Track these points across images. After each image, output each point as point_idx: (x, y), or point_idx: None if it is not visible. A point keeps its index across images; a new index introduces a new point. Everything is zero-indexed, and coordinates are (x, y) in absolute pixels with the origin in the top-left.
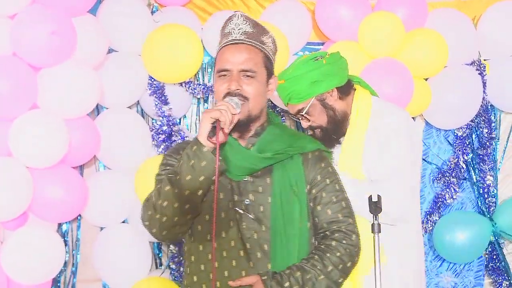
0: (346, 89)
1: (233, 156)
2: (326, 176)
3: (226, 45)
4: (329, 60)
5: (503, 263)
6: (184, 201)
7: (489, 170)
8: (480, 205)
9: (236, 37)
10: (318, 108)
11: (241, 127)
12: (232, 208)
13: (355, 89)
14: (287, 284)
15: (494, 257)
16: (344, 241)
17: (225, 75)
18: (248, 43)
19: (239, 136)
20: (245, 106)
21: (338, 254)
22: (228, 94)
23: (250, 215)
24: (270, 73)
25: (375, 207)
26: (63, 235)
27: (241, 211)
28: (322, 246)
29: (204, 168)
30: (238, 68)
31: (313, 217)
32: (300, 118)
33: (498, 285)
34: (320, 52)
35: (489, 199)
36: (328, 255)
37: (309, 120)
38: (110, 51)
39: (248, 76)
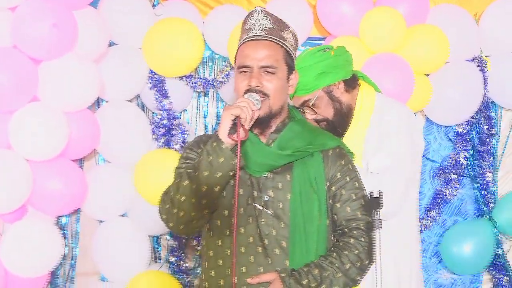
0: (352, 83)
1: (254, 153)
2: (346, 174)
3: (247, 41)
4: (337, 52)
5: (503, 259)
6: (202, 197)
7: (489, 167)
8: (479, 201)
9: (256, 33)
10: (324, 100)
11: (262, 123)
12: (251, 204)
13: (359, 84)
14: (305, 281)
15: (493, 253)
16: (362, 239)
17: (245, 71)
18: (268, 39)
19: (260, 133)
20: (266, 102)
21: (356, 251)
22: (249, 91)
23: (269, 211)
24: (291, 69)
25: (375, 202)
26: (62, 228)
27: (260, 207)
28: (340, 244)
29: (222, 165)
30: (259, 64)
31: (332, 214)
32: (304, 111)
33: (498, 281)
34: (327, 45)
35: (489, 195)
36: (346, 252)
37: (315, 113)
38: (110, 44)
39: (268, 72)
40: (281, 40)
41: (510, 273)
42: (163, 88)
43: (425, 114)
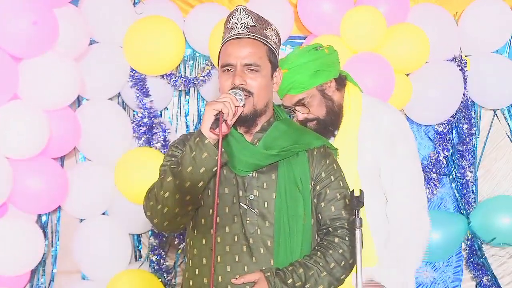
0: (341, 81)
1: (239, 152)
2: (331, 173)
3: (229, 40)
4: (329, 50)
5: (482, 258)
6: (185, 193)
7: (469, 166)
8: (458, 200)
9: (239, 31)
10: (317, 99)
11: (247, 122)
12: (236, 203)
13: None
14: (290, 281)
15: (474, 252)
16: (347, 238)
17: (229, 70)
18: (251, 37)
19: (245, 132)
20: (250, 100)
21: (340, 251)
22: (233, 89)
23: (254, 211)
24: (274, 67)
25: (357, 201)
26: (43, 227)
27: (245, 206)
28: (324, 243)
29: (205, 160)
30: (242, 62)
31: (317, 213)
32: (295, 110)
33: (478, 280)
34: (317, 43)
35: (468, 194)
36: (330, 251)
37: (308, 111)
38: (91, 42)
39: (252, 70)
40: (264, 38)
41: (490, 272)
42: (144, 86)
43: (405, 113)
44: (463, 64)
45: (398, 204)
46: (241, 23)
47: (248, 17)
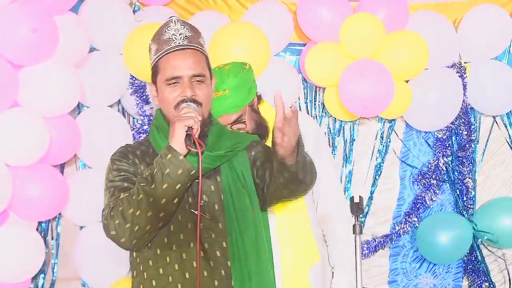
0: (259, 95)
1: (188, 158)
2: (260, 148)
3: (171, 51)
4: (249, 66)
5: (482, 264)
6: (159, 210)
7: (468, 173)
8: (458, 207)
9: (180, 42)
10: (249, 114)
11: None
12: (188, 209)
13: None
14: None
15: (473, 259)
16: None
17: (175, 82)
18: (192, 47)
19: None
20: (199, 111)
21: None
22: (183, 101)
23: (206, 216)
24: (211, 74)
25: (356, 208)
26: (43, 234)
27: (196, 212)
28: None
29: (181, 176)
30: (189, 74)
31: (258, 176)
32: (237, 128)
33: (478, 287)
34: (241, 62)
35: (467, 201)
36: None
37: (244, 127)
38: (91, 49)
39: (199, 81)
40: (201, 47)
41: (490, 278)
42: (144, 93)
43: (405, 120)
44: (463, 71)
45: (330, 205)
46: (179, 34)
47: (184, 28)
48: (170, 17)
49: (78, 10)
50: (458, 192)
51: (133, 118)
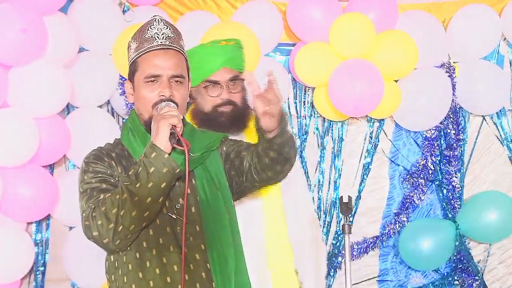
0: None
1: (172, 156)
2: (231, 142)
3: (153, 50)
4: None
5: (471, 263)
6: (144, 209)
7: (456, 172)
8: (445, 206)
9: (162, 42)
10: (241, 85)
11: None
12: (165, 213)
13: None
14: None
15: (462, 258)
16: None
17: (153, 81)
18: (174, 48)
19: None
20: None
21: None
22: (161, 101)
23: (182, 219)
24: (189, 77)
25: (345, 208)
26: (33, 235)
27: (173, 216)
28: None
29: (167, 175)
30: (169, 74)
31: (234, 167)
32: (219, 88)
33: (468, 286)
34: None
35: (454, 200)
36: None
37: (237, 91)
38: (81, 50)
39: (177, 81)
40: (181, 49)
41: (478, 276)
42: None
43: (394, 119)
44: (452, 71)
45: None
46: (162, 34)
47: (167, 28)
48: (153, 16)
49: (68, 11)
50: (445, 192)
51: (123, 119)
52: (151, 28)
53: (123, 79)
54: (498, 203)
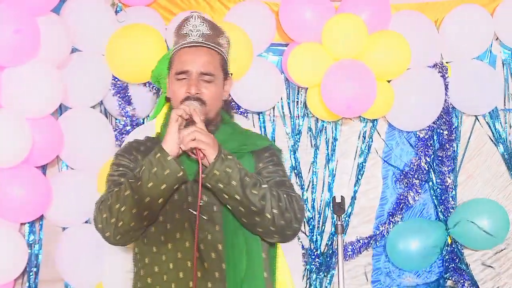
0: None
1: (190, 157)
2: (270, 163)
3: (185, 47)
4: None
5: (463, 263)
6: (144, 208)
7: (449, 172)
8: (438, 205)
9: (194, 39)
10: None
11: None
12: (186, 209)
13: None
14: (237, 163)
15: (454, 257)
16: (291, 197)
17: (183, 78)
18: (206, 45)
19: None
20: (203, 110)
21: (283, 195)
22: (188, 98)
23: (204, 217)
24: (226, 74)
25: (338, 208)
26: (26, 235)
27: (194, 212)
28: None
29: (167, 177)
30: (198, 71)
31: None
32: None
33: (460, 286)
34: None
35: (447, 200)
36: (282, 189)
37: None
38: (73, 50)
39: (206, 80)
40: (218, 47)
41: (471, 277)
42: (126, 94)
43: (388, 120)
44: (444, 71)
45: None
46: (196, 31)
47: (203, 25)
48: (191, 12)
49: (60, 11)
50: (439, 191)
51: (116, 119)
52: (187, 24)
53: (116, 79)
54: (490, 213)
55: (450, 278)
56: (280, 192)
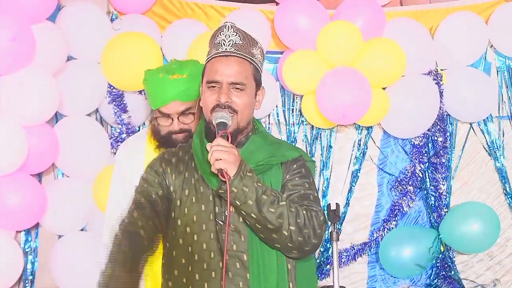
0: None
1: (213, 176)
2: (297, 175)
3: (216, 56)
4: None
5: (453, 271)
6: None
7: (443, 179)
8: (430, 213)
9: (226, 49)
10: (198, 111)
11: (229, 139)
12: (212, 219)
13: None
14: (256, 178)
15: (445, 265)
16: (312, 212)
17: (214, 86)
18: (238, 55)
19: None
20: (234, 118)
21: (302, 211)
22: (218, 106)
23: (230, 227)
24: (258, 85)
25: (333, 215)
26: (21, 243)
27: (221, 222)
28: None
29: None
30: (228, 80)
31: None
32: (177, 118)
33: None
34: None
35: (441, 207)
36: (295, 205)
37: (190, 121)
38: (69, 58)
39: (237, 88)
40: (250, 57)
41: (462, 285)
42: (122, 102)
43: (382, 127)
44: (439, 78)
45: None
46: (229, 41)
47: (236, 35)
48: (225, 22)
49: (56, 19)
50: (432, 199)
51: (111, 127)
52: (220, 34)
53: (112, 87)
54: (480, 215)
55: (440, 284)
56: (300, 208)
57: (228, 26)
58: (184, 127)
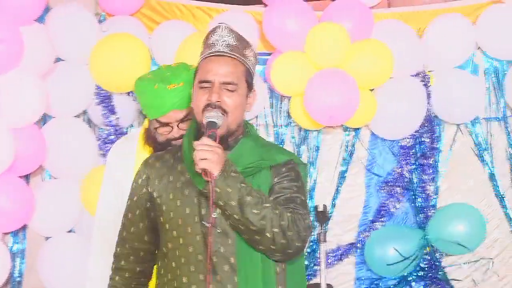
0: None
1: (198, 176)
2: (286, 178)
3: (209, 56)
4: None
5: (441, 272)
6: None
7: (430, 181)
8: (417, 214)
9: (219, 49)
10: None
11: (220, 142)
12: (198, 222)
13: None
14: (241, 178)
15: (433, 267)
16: (297, 215)
17: (206, 86)
18: (231, 55)
19: None
20: (224, 119)
21: (287, 214)
22: (209, 105)
23: (217, 229)
24: (250, 87)
25: (322, 216)
26: (9, 245)
27: (208, 225)
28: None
29: None
30: (220, 80)
31: None
32: (176, 126)
33: None
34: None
35: (428, 208)
36: (280, 207)
37: (182, 130)
38: (57, 60)
39: (229, 89)
40: (243, 58)
41: (448, 284)
42: (110, 103)
43: (370, 128)
44: (427, 79)
45: None
46: (222, 41)
47: (229, 36)
48: (219, 23)
49: (44, 21)
50: (419, 200)
51: (99, 128)
52: (214, 34)
53: (100, 88)
54: (466, 217)
55: (431, 285)
56: (284, 210)
57: (223, 27)
58: (183, 133)
